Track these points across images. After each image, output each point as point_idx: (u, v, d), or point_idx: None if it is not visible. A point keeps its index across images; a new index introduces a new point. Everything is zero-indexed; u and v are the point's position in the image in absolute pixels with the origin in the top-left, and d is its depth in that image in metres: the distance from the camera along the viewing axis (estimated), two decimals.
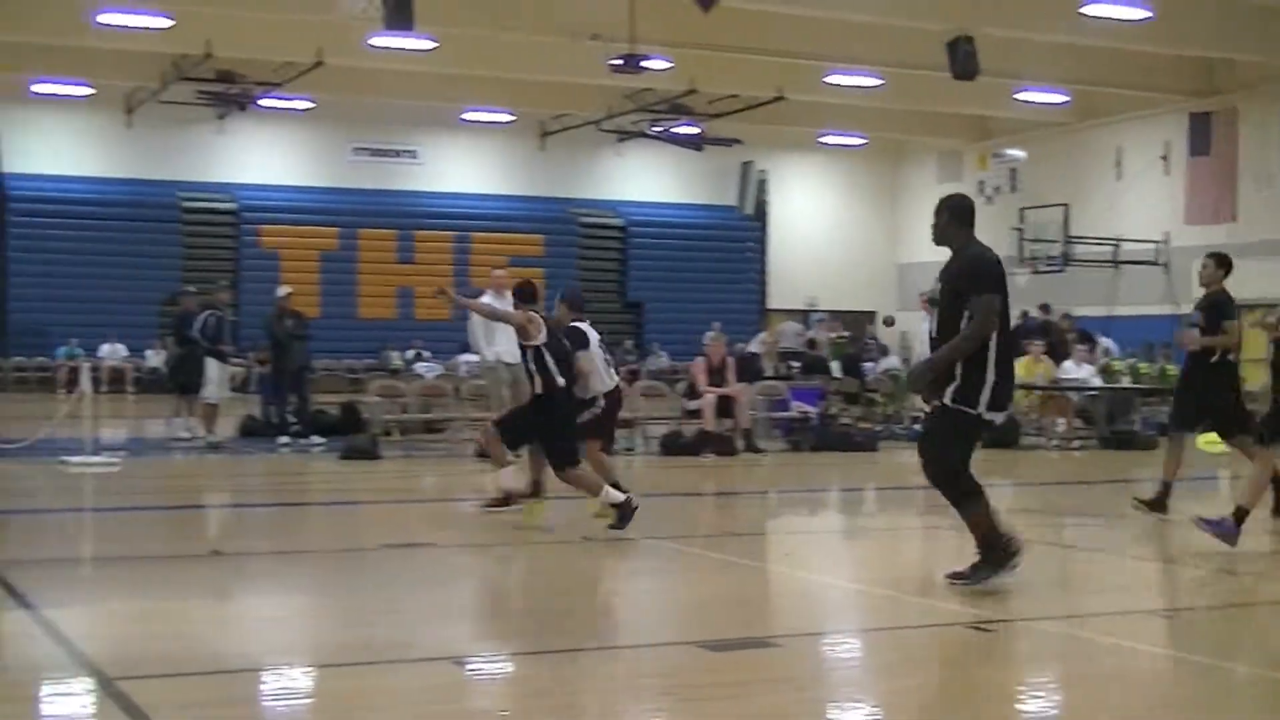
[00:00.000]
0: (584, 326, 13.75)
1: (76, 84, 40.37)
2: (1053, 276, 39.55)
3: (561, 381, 12.67)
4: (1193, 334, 14.05)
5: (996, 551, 9.81)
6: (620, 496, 12.32)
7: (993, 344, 9.68)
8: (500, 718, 7.16)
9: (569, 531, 12.59)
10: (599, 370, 13.59)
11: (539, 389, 12.63)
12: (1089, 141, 42.49)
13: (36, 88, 40.61)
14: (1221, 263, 14.30)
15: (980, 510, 9.87)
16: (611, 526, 12.17)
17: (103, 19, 31.42)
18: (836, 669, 8.28)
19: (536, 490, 13.22)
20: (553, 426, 12.73)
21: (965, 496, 9.87)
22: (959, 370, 9.71)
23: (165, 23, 32.00)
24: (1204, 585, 11.16)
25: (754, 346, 31.36)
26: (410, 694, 7.40)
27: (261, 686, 7.40)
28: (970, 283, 9.77)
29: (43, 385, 38.24)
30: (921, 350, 25.68)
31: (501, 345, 18.23)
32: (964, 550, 11.55)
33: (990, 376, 9.68)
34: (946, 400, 9.78)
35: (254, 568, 11.45)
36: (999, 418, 10.26)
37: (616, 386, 14.04)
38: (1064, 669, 8.19)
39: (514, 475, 13.15)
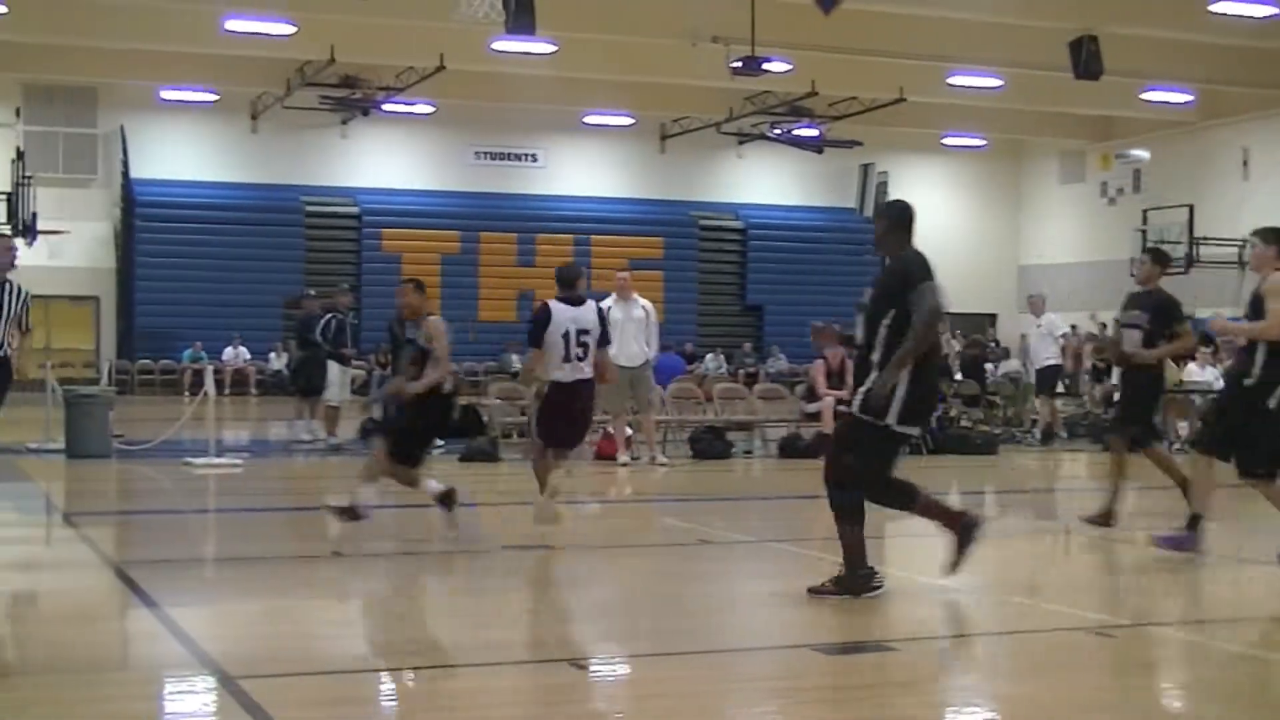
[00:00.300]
0: (553, 304, 12.35)
1: (203, 90, 40.97)
2: (1176, 279, 38.99)
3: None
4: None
5: (855, 578, 9.51)
6: (439, 488, 11.56)
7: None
8: (614, 718, 7.16)
9: (685, 535, 12.57)
10: (553, 358, 12.13)
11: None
12: (1215, 141, 41.94)
13: (164, 94, 41.25)
14: (1159, 258, 13.76)
15: (857, 532, 9.53)
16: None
17: (230, 26, 31.88)
18: (953, 674, 8.19)
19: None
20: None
21: (850, 512, 9.54)
22: (871, 378, 9.41)
23: (290, 29, 32.40)
24: None
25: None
26: (527, 695, 7.42)
27: (380, 687, 7.46)
28: (901, 281, 9.56)
29: (167, 388, 38.80)
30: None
31: (615, 348, 18.20)
32: (1082, 555, 11.45)
33: (903, 389, 9.23)
34: (854, 408, 9.49)
35: (373, 568, 11.52)
36: (915, 430, 9.99)
37: (577, 381, 12.21)
38: (1189, 676, 8.07)
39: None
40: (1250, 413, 11.19)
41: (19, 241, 35.57)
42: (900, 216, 10.19)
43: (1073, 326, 46.13)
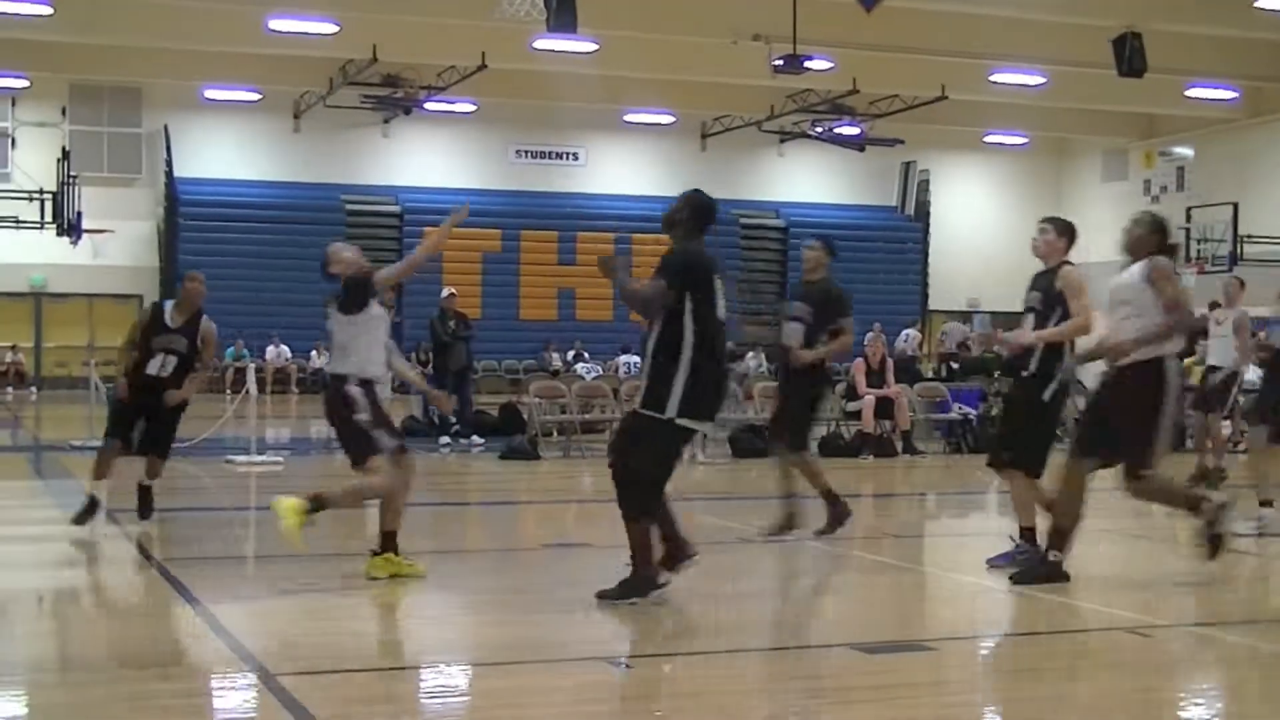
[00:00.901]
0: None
1: (246, 89, 41.17)
2: (1221, 276, 38.82)
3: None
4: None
5: (641, 579, 9.25)
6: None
7: (686, 344, 9.13)
8: (653, 716, 7.18)
9: (724, 533, 12.58)
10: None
11: None
12: (1260, 138, 41.73)
13: (208, 93, 41.46)
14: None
15: (646, 531, 9.30)
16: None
17: (274, 25, 32.01)
18: (991, 673, 8.19)
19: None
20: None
21: (641, 512, 9.29)
22: (648, 373, 9.35)
23: (333, 29, 32.52)
24: None
25: (899, 342, 31.18)
26: (565, 693, 7.44)
27: (419, 684, 7.48)
28: (657, 269, 9.42)
29: (209, 386, 38.91)
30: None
31: None
32: (1116, 552, 11.43)
33: (680, 380, 9.10)
34: (636, 404, 9.41)
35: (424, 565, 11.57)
36: (704, 426, 9.74)
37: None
38: (1226, 676, 8.05)
39: None
40: (1028, 405, 11.01)
41: (64, 240, 36.02)
42: (700, 206, 9.76)
43: None
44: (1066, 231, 11.32)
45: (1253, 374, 24.09)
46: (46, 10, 30.98)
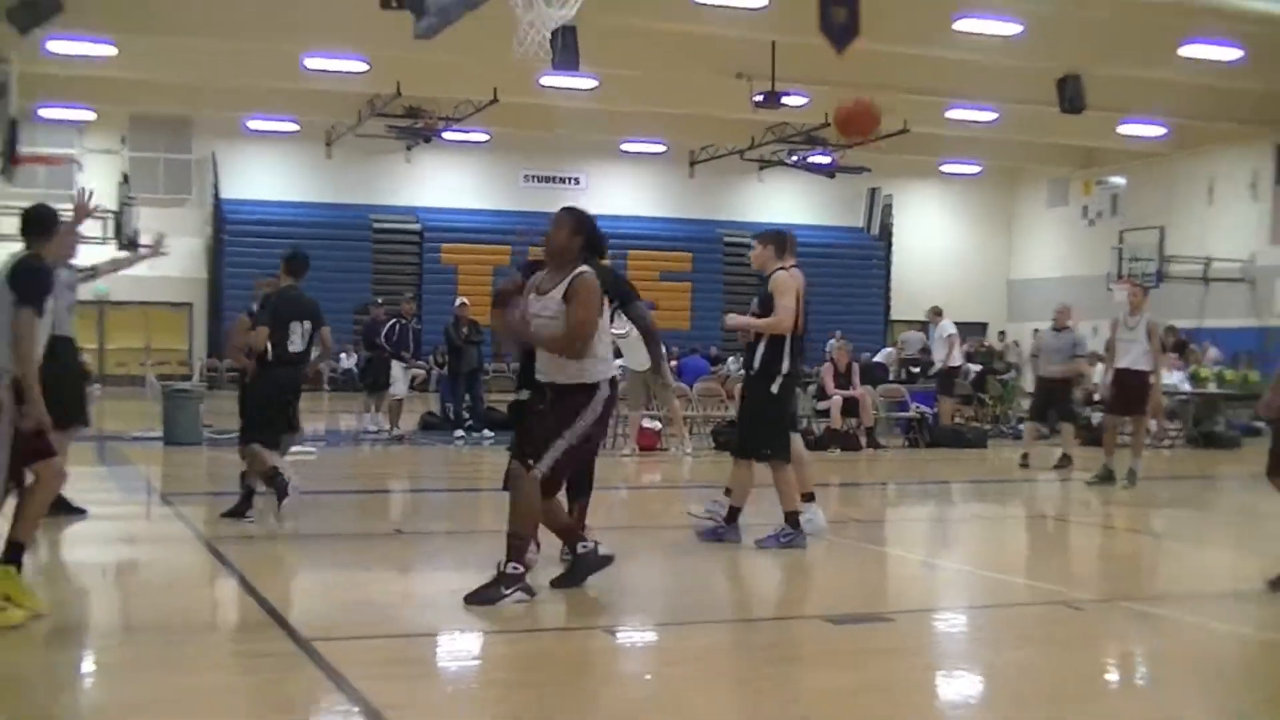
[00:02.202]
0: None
1: (285, 120, 41.14)
2: (1149, 292, 39.12)
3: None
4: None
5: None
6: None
7: None
8: (645, 680, 7.21)
9: (707, 517, 12.59)
10: None
11: None
12: (1184, 170, 41.87)
13: (251, 124, 41.46)
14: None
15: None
16: None
17: (309, 63, 32.05)
18: (944, 642, 8.23)
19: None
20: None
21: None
22: None
23: (362, 66, 32.53)
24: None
25: (880, 357, 31.35)
26: (568, 658, 7.48)
27: (438, 649, 7.51)
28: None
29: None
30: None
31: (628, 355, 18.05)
32: (1047, 536, 11.47)
33: None
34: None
35: (432, 545, 11.58)
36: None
37: None
38: (1148, 645, 8.09)
39: None
40: (755, 399, 10.91)
41: (123, 254, 35.99)
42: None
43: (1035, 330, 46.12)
44: (774, 242, 11.46)
45: (1173, 376, 24.25)
46: (111, 51, 31.03)
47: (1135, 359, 16.76)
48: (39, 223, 8.39)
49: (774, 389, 10.76)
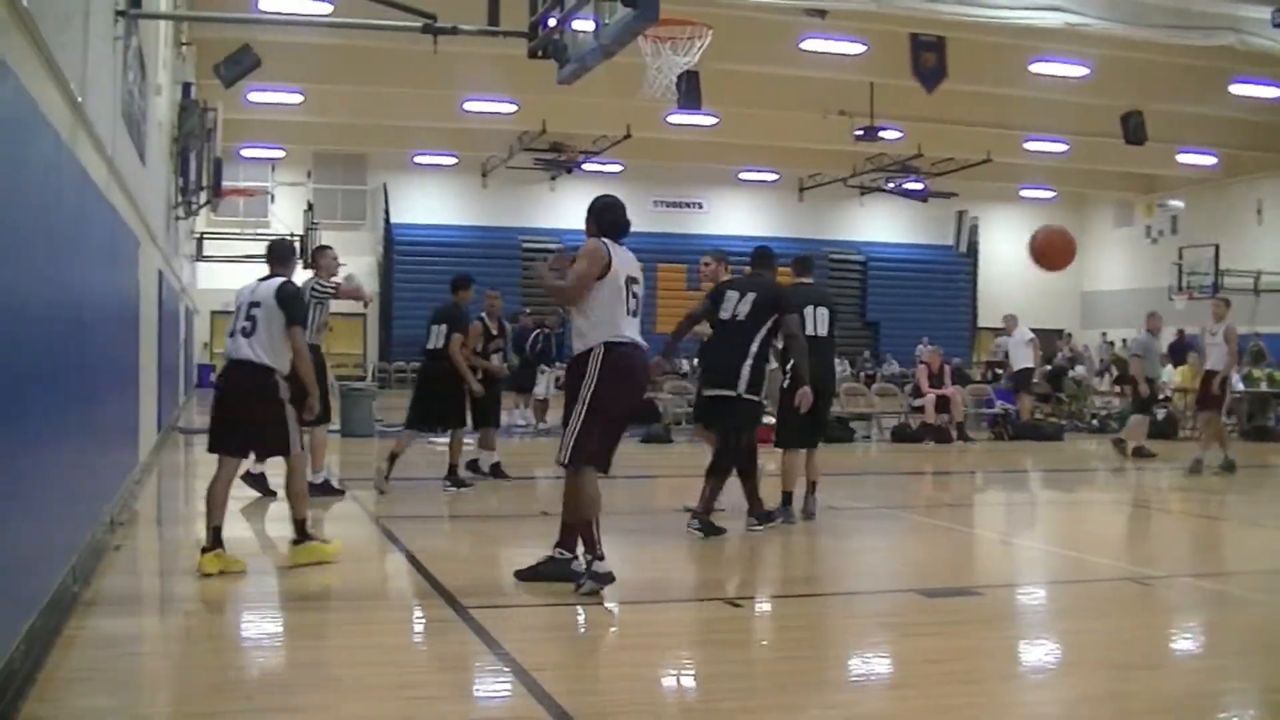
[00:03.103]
0: None
1: (446, 155, 41.59)
2: (1205, 302, 38.83)
3: None
4: None
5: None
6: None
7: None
8: (760, 645, 7.16)
9: (817, 503, 12.50)
10: None
11: None
12: (1236, 193, 41.37)
13: (417, 159, 41.96)
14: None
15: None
16: None
17: (468, 106, 32.41)
18: (1026, 614, 8.09)
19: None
20: None
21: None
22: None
23: (513, 107, 32.82)
24: None
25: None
26: (692, 625, 7.45)
27: (578, 616, 7.50)
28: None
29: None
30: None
31: None
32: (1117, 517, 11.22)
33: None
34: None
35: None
36: None
37: None
38: (1212, 618, 7.89)
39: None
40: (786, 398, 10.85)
41: (309, 273, 36.52)
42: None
43: (1104, 337, 45.47)
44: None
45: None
46: (298, 99, 31.61)
47: (1216, 361, 16.89)
48: (287, 253, 9.11)
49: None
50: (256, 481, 12.12)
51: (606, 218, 8.42)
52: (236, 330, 8.52)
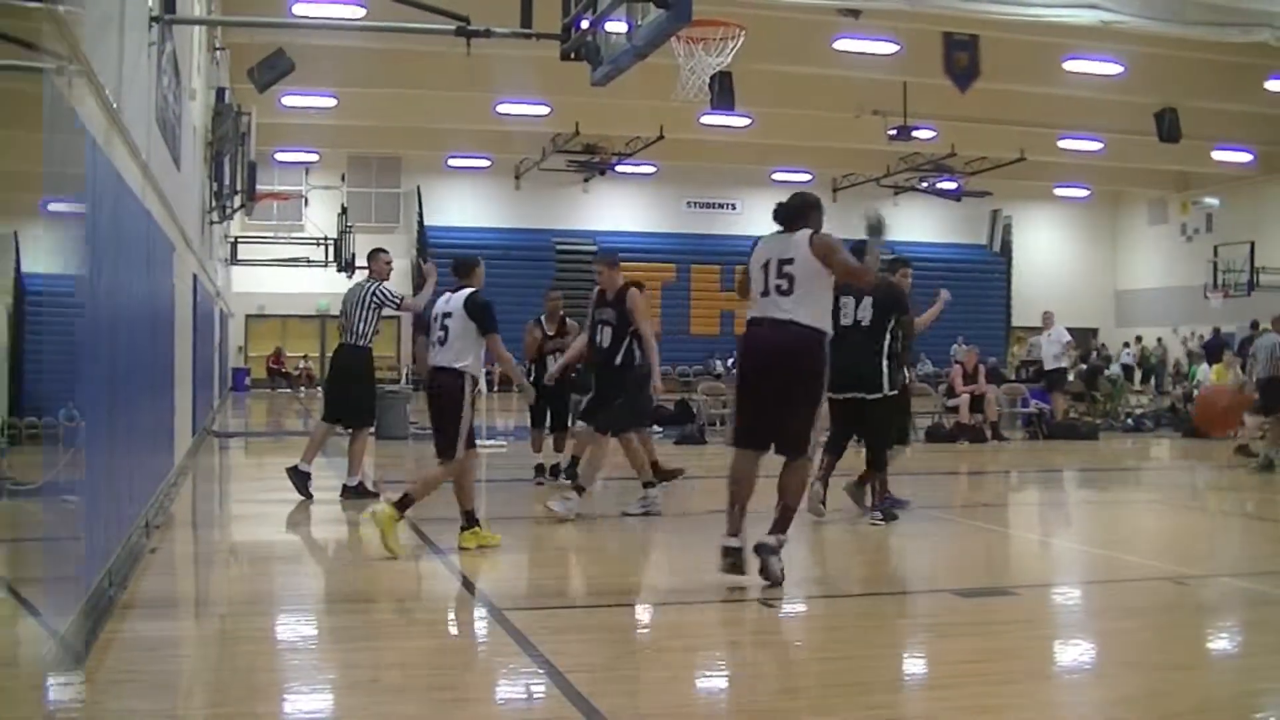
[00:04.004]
0: None
1: (479, 157, 41.72)
2: (1241, 300, 38.65)
3: None
4: None
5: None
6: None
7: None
8: (796, 646, 7.14)
9: (852, 502, 12.47)
10: None
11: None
12: (1271, 190, 41.08)
13: (450, 161, 42.10)
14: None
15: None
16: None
17: (500, 109, 32.48)
18: (1062, 613, 8.04)
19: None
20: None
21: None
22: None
23: (545, 110, 32.89)
24: None
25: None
26: (726, 626, 7.44)
27: (611, 617, 7.50)
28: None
29: None
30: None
31: None
32: (1164, 522, 11.14)
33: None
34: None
35: (605, 527, 11.57)
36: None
37: None
38: (1248, 617, 7.82)
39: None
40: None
41: (342, 275, 36.69)
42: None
43: (1137, 338, 45.23)
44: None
45: None
46: (332, 103, 31.75)
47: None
48: (469, 266, 10.68)
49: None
50: (300, 477, 12.19)
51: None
52: (434, 340, 9.85)
